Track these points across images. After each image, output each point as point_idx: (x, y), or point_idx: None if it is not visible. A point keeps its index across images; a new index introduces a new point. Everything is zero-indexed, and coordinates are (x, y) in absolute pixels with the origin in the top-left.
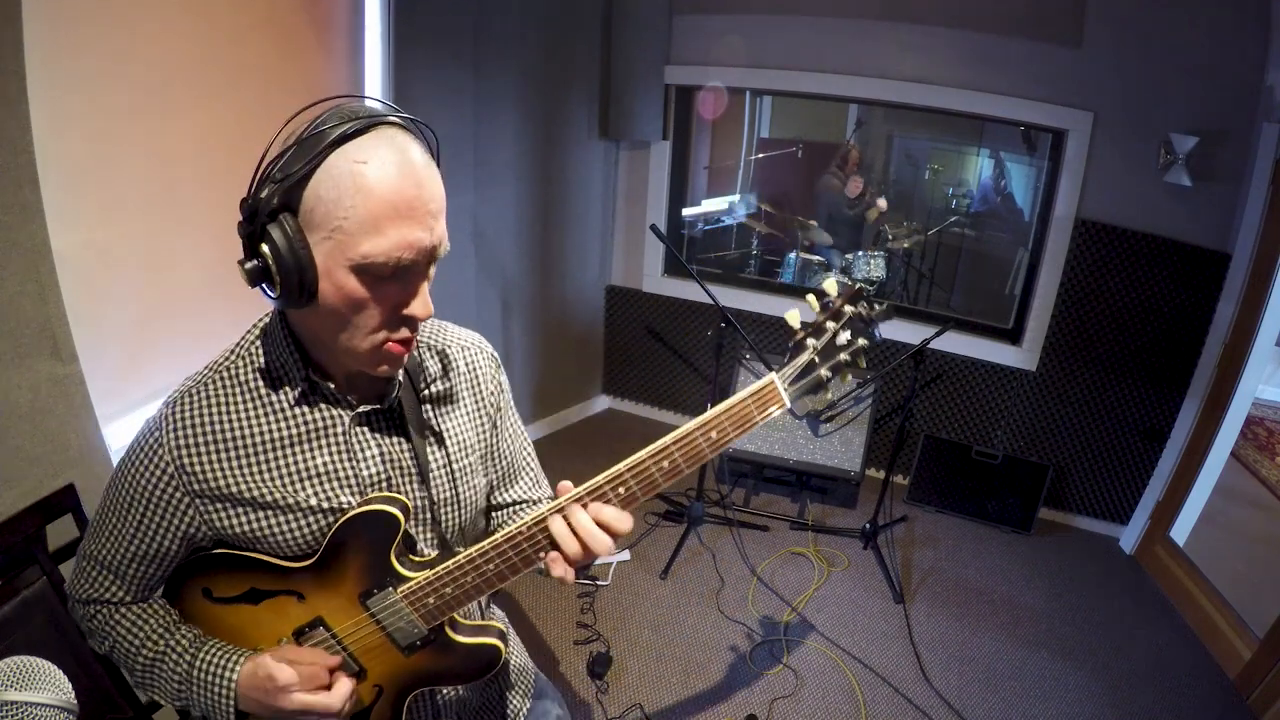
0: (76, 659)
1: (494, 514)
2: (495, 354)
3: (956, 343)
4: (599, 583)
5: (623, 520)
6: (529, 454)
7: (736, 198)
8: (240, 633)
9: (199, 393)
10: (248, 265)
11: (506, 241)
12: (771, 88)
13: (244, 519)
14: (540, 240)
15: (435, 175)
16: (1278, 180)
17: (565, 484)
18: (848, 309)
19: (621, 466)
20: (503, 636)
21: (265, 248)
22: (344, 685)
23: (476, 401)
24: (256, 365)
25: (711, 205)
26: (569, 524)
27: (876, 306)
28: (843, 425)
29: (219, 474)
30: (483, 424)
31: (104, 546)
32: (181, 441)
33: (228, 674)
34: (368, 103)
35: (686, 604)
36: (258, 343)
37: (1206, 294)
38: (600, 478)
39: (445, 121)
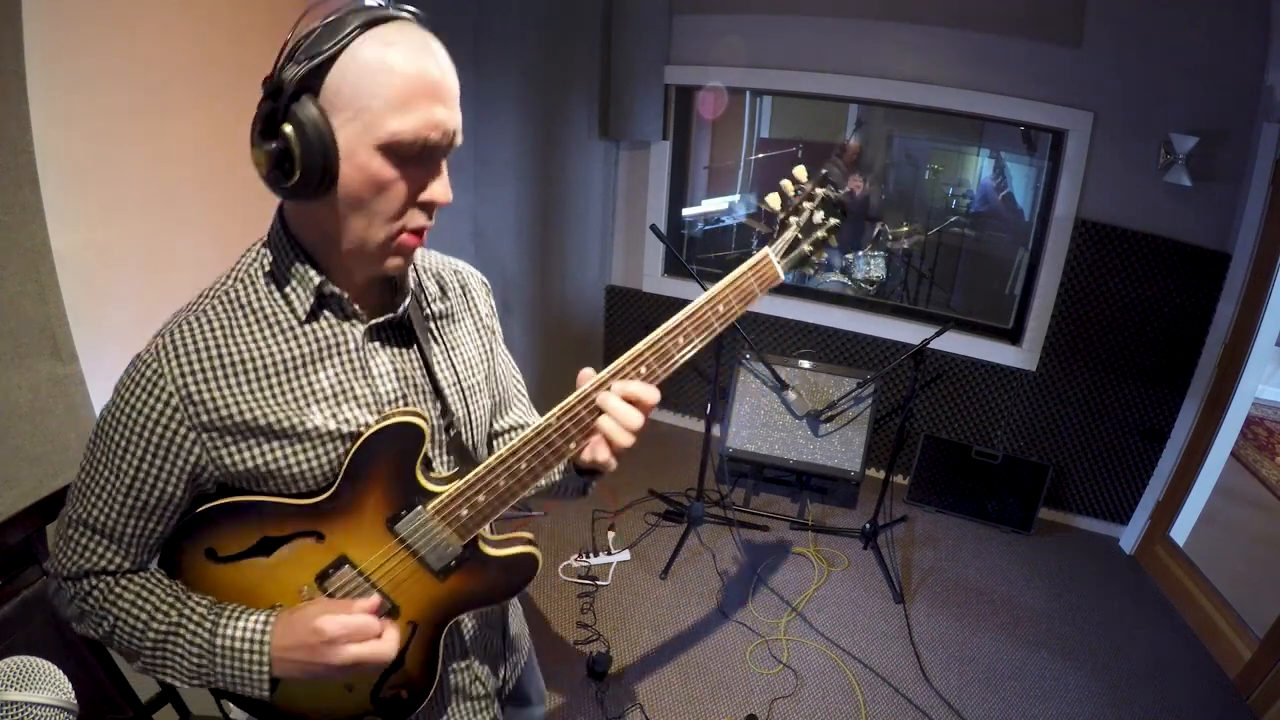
0: (76, 659)
1: (493, 441)
2: (485, 280)
3: (956, 343)
4: (599, 583)
5: (650, 392)
6: (519, 381)
7: (736, 198)
8: (254, 591)
9: (199, 319)
10: (266, 147)
11: (506, 241)
12: (771, 88)
13: (256, 452)
14: (540, 240)
15: (451, 64)
16: (1278, 180)
17: (587, 370)
18: (819, 191)
19: (641, 346)
20: (534, 543)
21: (288, 128)
22: (393, 630)
23: (475, 322)
24: (258, 284)
25: (711, 205)
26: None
27: (840, 190)
28: (843, 425)
29: (229, 401)
30: (482, 344)
31: (95, 506)
32: (185, 368)
33: (260, 637)
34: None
35: (686, 604)
36: (258, 262)
37: (1206, 294)
38: (622, 359)
39: None
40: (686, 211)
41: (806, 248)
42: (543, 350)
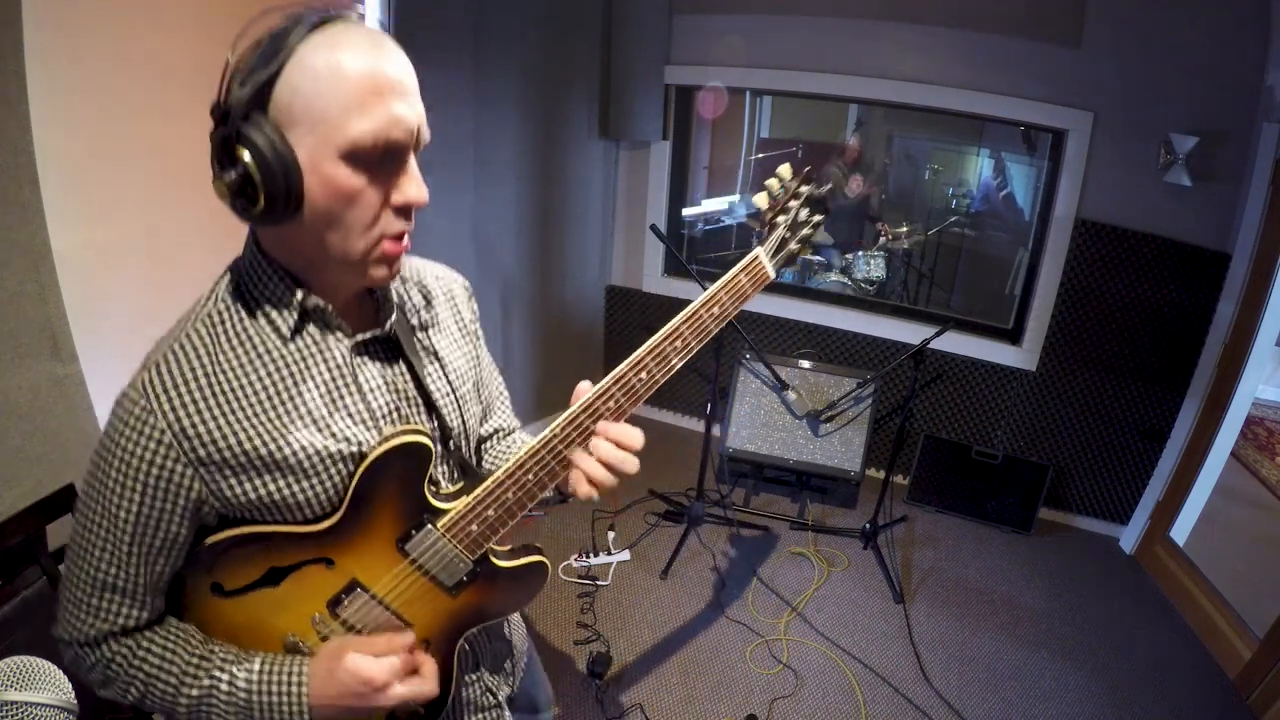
0: None
1: (480, 446)
2: (467, 284)
3: (956, 343)
4: (599, 583)
5: (635, 436)
6: (501, 383)
7: (736, 198)
8: (266, 623)
9: (181, 348)
10: (226, 178)
11: (506, 241)
12: (771, 88)
13: (256, 483)
14: (540, 240)
15: (406, 57)
16: (1278, 180)
17: (584, 384)
18: (803, 189)
19: (640, 353)
20: (542, 552)
21: (245, 153)
22: (430, 663)
23: (460, 329)
24: (238, 306)
25: (711, 205)
26: (592, 454)
27: (823, 186)
28: (843, 425)
29: (224, 432)
30: (468, 351)
31: (100, 560)
32: (175, 403)
33: (298, 690)
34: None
35: (686, 604)
36: (236, 283)
37: (1206, 294)
38: (622, 366)
39: (445, 121)
40: (686, 211)
41: (794, 245)
42: (543, 350)
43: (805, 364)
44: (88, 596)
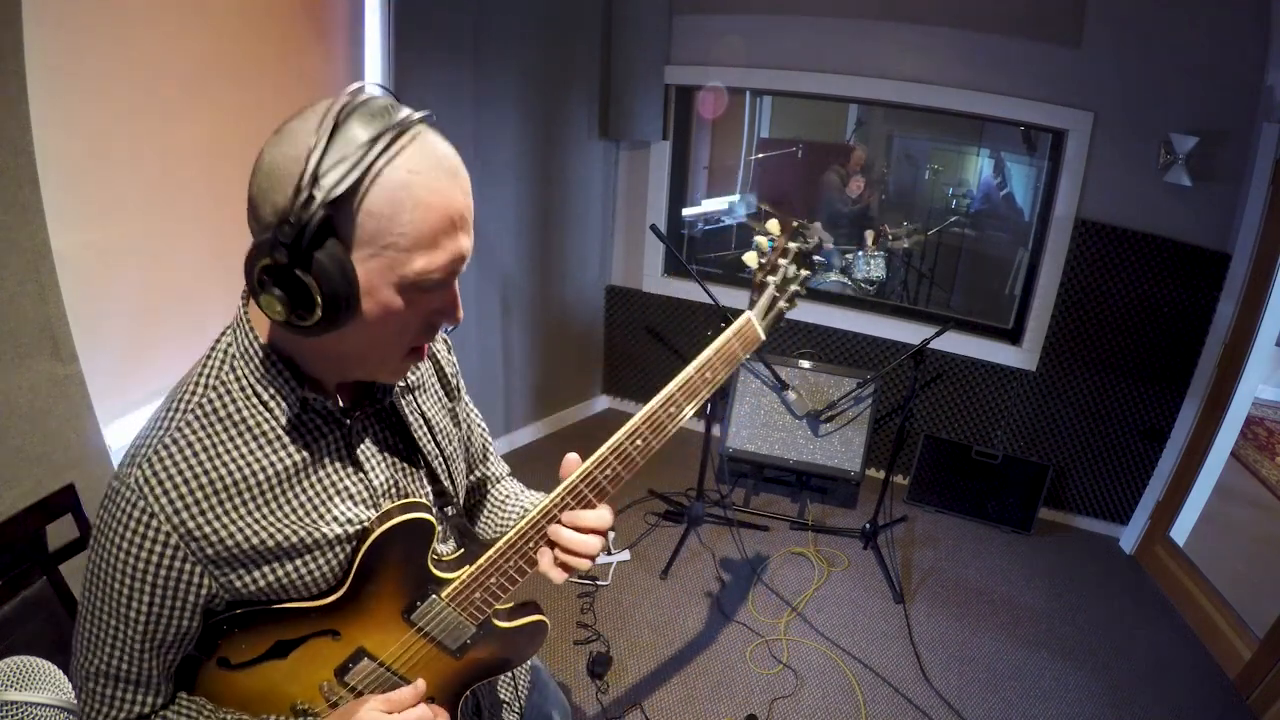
0: None
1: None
2: (447, 337)
3: (956, 343)
4: (599, 583)
5: (601, 519)
6: (484, 430)
7: (736, 198)
8: (274, 692)
9: (175, 442)
10: (276, 292)
11: (506, 241)
12: (771, 88)
13: (265, 571)
14: (540, 240)
15: (468, 177)
16: (1278, 180)
17: (572, 456)
18: (791, 245)
19: (636, 420)
20: (540, 608)
21: (310, 276)
22: (444, 715)
23: (442, 385)
24: (234, 392)
25: (711, 205)
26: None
27: (810, 240)
28: (843, 425)
29: (230, 530)
30: (450, 407)
31: (112, 655)
32: (177, 504)
33: None
34: (373, 90)
35: (686, 604)
36: (229, 367)
37: (1206, 294)
38: (620, 434)
39: (445, 121)
40: (686, 211)
41: (783, 304)
42: (543, 350)
43: (805, 364)
44: (102, 688)
